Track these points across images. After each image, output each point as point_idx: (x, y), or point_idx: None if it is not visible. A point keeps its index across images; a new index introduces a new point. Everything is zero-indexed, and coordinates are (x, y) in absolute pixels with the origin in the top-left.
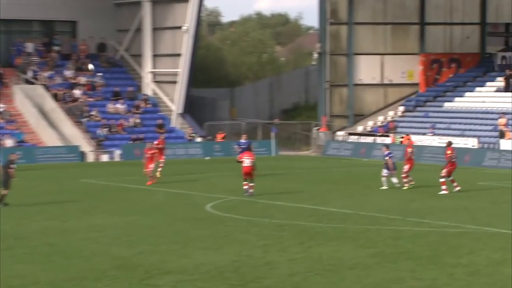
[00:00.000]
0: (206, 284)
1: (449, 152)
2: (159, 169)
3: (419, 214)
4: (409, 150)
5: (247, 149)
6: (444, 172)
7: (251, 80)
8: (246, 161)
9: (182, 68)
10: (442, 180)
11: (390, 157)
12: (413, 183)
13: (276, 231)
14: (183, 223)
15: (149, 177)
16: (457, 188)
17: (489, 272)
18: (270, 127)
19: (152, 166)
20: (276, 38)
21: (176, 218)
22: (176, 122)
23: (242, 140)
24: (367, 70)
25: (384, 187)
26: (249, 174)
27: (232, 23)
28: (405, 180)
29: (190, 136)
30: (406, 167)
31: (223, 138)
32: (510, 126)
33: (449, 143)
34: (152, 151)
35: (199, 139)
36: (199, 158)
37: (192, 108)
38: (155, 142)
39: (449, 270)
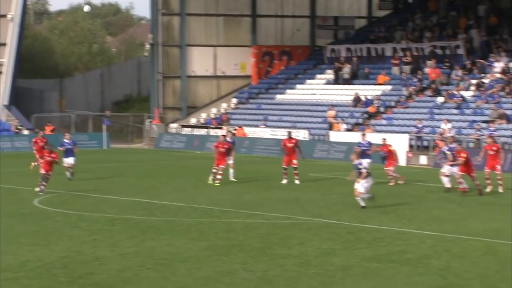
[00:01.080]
0: (32, 282)
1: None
2: None
3: (251, 206)
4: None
5: (71, 150)
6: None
7: (81, 71)
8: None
9: (7, 58)
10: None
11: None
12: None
13: (107, 225)
14: (9, 219)
15: None
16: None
17: (319, 262)
18: (102, 119)
19: None
20: (107, 29)
21: (1, 213)
22: (1, 114)
23: (66, 140)
24: (200, 62)
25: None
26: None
27: (60, 12)
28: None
29: (17, 129)
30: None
31: (52, 131)
32: (339, 118)
33: (289, 134)
34: None
35: (26, 132)
36: (26, 151)
37: (18, 99)
38: None
39: (280, 261)
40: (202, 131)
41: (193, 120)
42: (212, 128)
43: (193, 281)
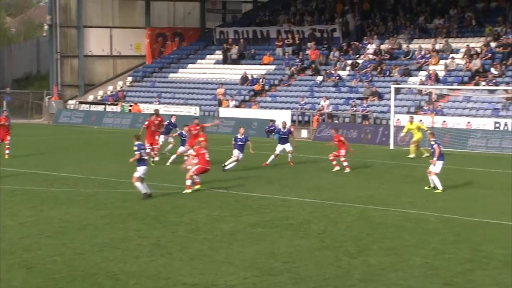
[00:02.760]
0: None
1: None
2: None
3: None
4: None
5: None
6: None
7: None
8: None
9: None
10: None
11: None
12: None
13: (8, 196)
14: None
15: None
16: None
17: (208, 228)
18: (3, 96)
19: None
20: (6, 10)
21: None
22: None
23: None
24: (96, 42)
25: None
26: None
27: None
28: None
29: None
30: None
31: None
32: (227, 95)
33: (156, 111)
34: None
35: None
36: None
37: None
38: None
39: (172, 228)
40: (99, 107)
41: (90, 97)
42: (109, 104)
43: (90, 247)
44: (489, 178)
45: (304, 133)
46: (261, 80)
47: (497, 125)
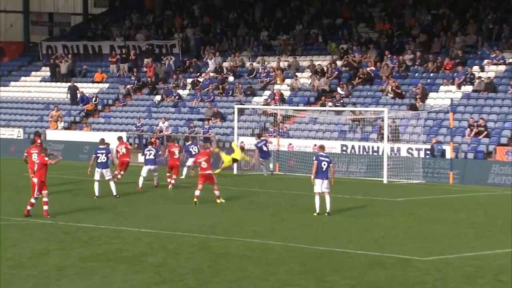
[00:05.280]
0: None
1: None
2: None
3: None
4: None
5: None
6: None
7: None
8: None
9: None
10: None
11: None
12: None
13: None
14: None
15: None
16: None
17: (33, 264)
18: None
19: None
20: None
21: None
22: None
23: None
24: None
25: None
26: None
27: None
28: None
29: None
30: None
31: None
32: (59, 117)
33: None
34: None
35: None
36: None
37: None
38: None
39: None
40: None
41: None
42: None
43: None
44: (335, 204)
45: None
46: (93, 99)
47: (344, 148)
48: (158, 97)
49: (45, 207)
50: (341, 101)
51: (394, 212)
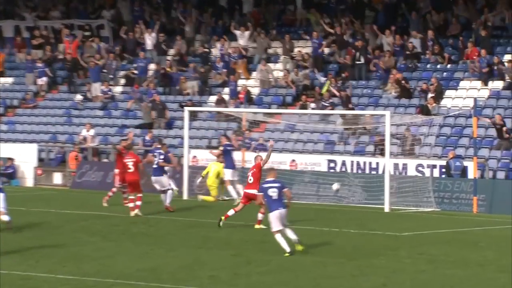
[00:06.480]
0: None
1: None
2: None
3: None
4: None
5: None
6: None
7: None
8: None
9: None
10: None
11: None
12: None
13: None
14: None
15: None
16: None
17: None
18: None
19: None
20: None
21: None
22: None
23: None
24: None
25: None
26: None
27: None
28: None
29: None
30: None
31: None
32: None
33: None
34: None
35: None
36: None
37: None
38: None
39: None
40: None
41: None
42: None
43: None
44: (320, 239)
45: (57, 178)
46: None
47: (332, 164)
48: (79, 97)
49: None
50: (330, 101)
51: (398, 251)
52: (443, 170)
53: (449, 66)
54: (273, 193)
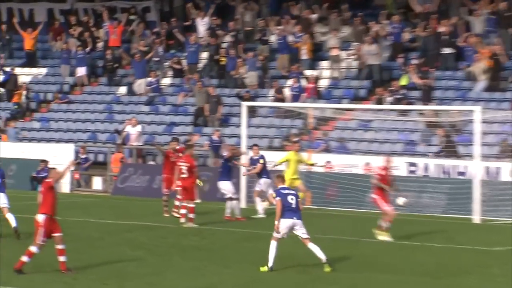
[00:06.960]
0: None
1: None
2: None
3: None
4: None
5: None
6: None
7: None
8: None
9: None
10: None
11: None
12: None
13: None
14: None
15: None
16: None
17: None
18: None
19: None
20: None
21: None
22: None
23: None
24: None
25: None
26: None
27: None
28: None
29: None
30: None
31: None
32: None
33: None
34: None
35: None
36: None
37: None
38: None
39: None
40: None
41: None
42: None
43: None
44: (398, 254)
45: (97, 183)
46: (25, 92)
47: (413, 167)
48: (122, 89)
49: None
50: (403, 92)
51: (491, 268)
52: None
53: None
54: (291, 200)
